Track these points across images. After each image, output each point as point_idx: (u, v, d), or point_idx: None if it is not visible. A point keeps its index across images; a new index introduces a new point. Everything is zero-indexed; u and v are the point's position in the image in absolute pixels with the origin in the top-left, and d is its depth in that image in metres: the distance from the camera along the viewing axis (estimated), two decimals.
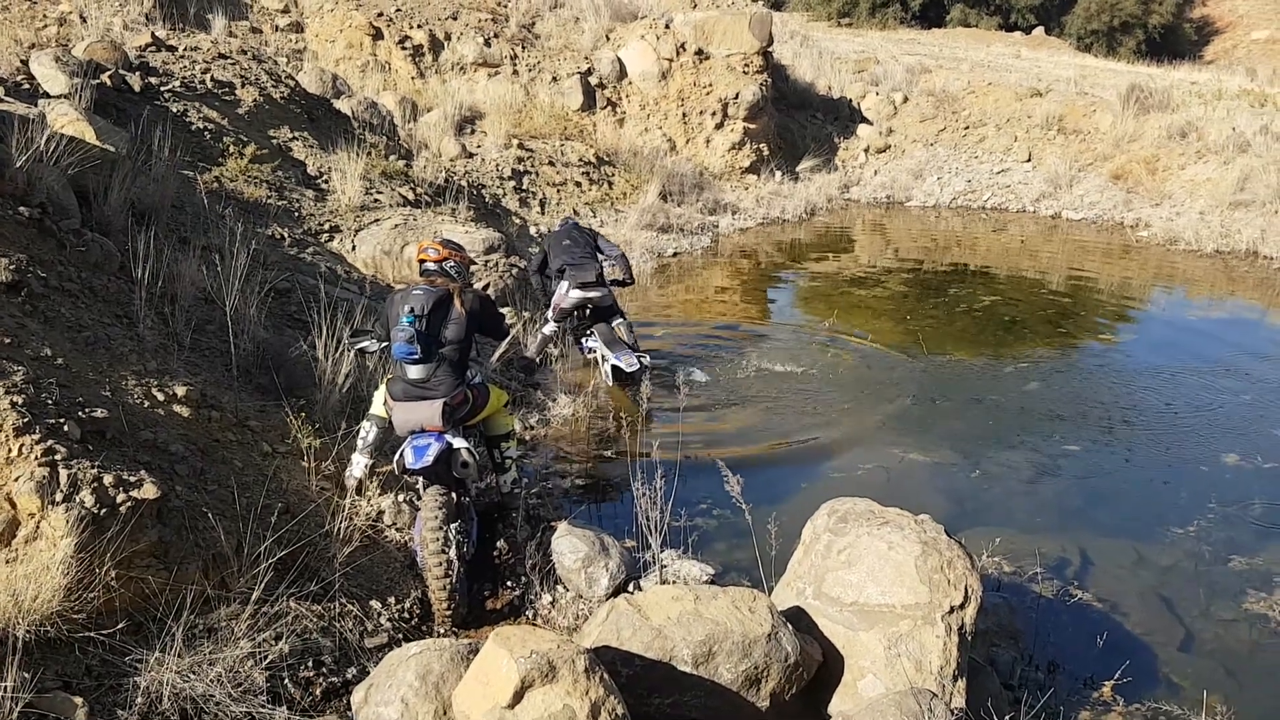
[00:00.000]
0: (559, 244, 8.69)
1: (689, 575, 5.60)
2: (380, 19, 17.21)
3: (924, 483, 7.16)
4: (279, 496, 5.06)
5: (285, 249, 8.56)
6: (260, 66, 11.25)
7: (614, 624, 3.56)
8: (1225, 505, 6.64)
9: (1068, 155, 18.96)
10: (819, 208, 18.28)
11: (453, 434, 5.07)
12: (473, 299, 5.32)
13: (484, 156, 14.63)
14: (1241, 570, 5.85)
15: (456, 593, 4.84)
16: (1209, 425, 8.28)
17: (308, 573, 4.72)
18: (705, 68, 18.37)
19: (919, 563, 3.79)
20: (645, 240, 14.28)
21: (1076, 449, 7.71)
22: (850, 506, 4.20)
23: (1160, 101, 18.97)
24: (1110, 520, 6.59)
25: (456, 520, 5.03)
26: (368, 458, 5.40)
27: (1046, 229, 17.24)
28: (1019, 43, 31.54)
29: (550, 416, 8.04)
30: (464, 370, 5.27)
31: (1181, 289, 13.40)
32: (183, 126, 9.28)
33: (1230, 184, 15.85)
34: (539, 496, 6.52)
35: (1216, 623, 5.41)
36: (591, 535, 5.45)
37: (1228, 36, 39.52)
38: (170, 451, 4.74)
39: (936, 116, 20.93)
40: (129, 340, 5.37)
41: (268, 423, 5.59)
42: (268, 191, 9.23)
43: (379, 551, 5.20)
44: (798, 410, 8.45)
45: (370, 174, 10.64)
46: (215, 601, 4.32)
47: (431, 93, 16.47)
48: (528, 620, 5.12)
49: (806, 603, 3.96)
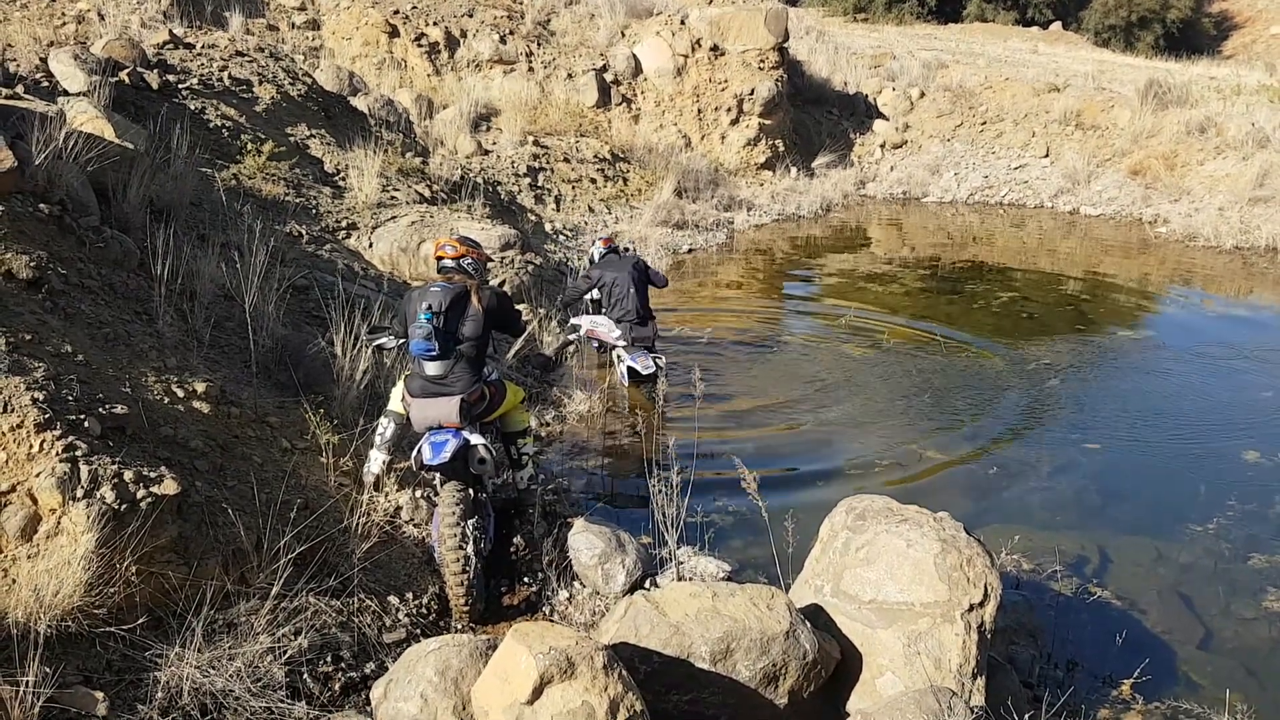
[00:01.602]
0: (618, 287, 8.27)
1: (705, 572, 5.60)
2: (396, 16, 17.23)
3: (942, 480, 7.14)
4: (298, 492, 5.07)
5: (303, 246, 8.58)
6: (278, 64, 11.28)
7: (632, 620, 3.56)
8: (1245, 503, 6.58)
9: (1085, 151, 18.85)
10: (835, 204, 18.23)
11: (470, 430, 5.07)
12: (490, 296, 5.32)
13: (499, 153, 14.64)
14: (1262, 568, 5.81)
15: (474, 589, 4.84)
16: (1229, 421, 8.23)
17: (327, 568, 4.73)
18: (720, 64, 18.34)
19: (938, 560, 3.77)
20: (660, 237, 14.26)
21: (1096, 446, 7.67)
22: (868, 504, 4.18)
23: (1179, 97, 18.83)
24: (1129, 517, 6.55)
25: (474, 516, 5.03)
26: (386, 454, 5.41)
27: (1064, 225, 17.15)
28: (1036, 38, 31.38)
29: (566, 413, 8.04)
30: (481, 367, 5.27)
31: (1201, 285, 13.30)
32: (201, 124, 9.31)
33: (1249, 179, 15.72)
34: (555, 493, 6.52)
35: (1236, 621, 5.37)
36: (608, 532, 5.45)
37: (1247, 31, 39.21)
38: (190, 448, 4.76)
39: (953, 112, 20.85)
40: (149, 337, 5.39)
41: (287, 419, 5.61)
42: (285, 189, 9.25)
43: (397, 547, 5.21)
44: (814, 407, 8.44)
45: (387, 171, 10.66)
46: (235, 597, 4.33)
47: (447, 90, 16.49)
48: (544, 616, 5.13)
49: (824, 600, 3.94)
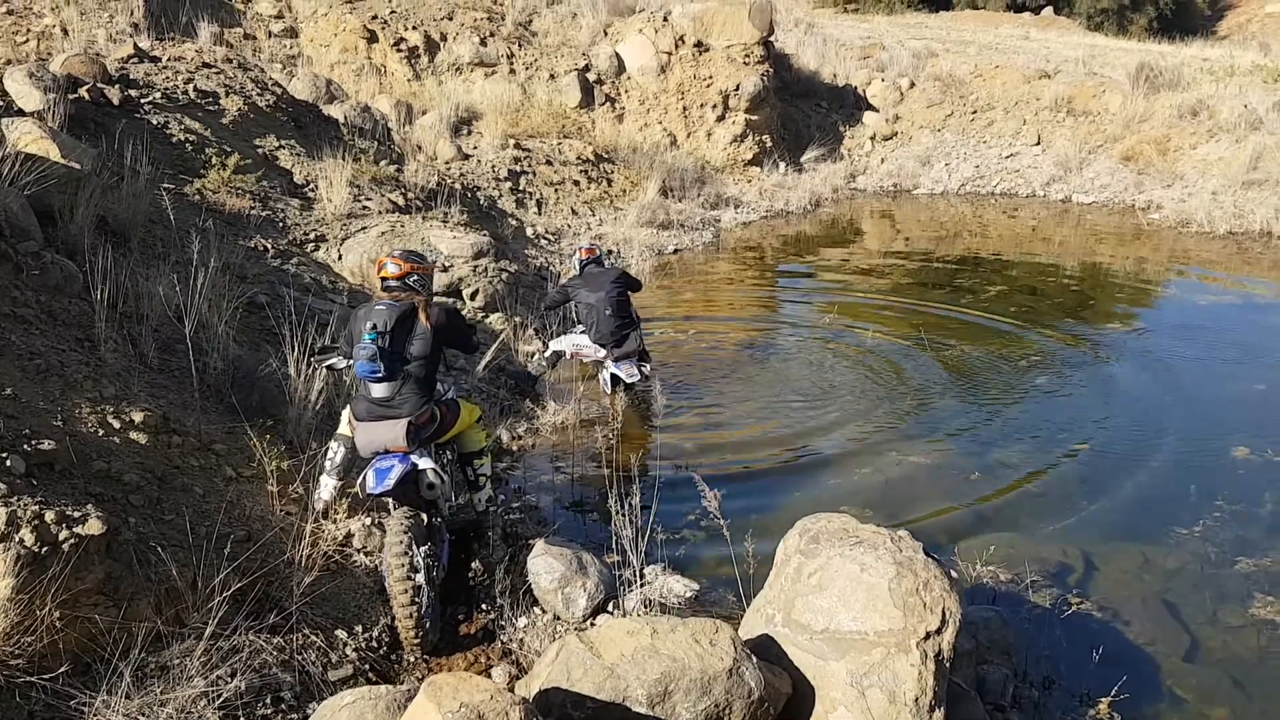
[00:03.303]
0: (595, 311, 7.96)
1: (673, 592, 5.42)
2: (374, 21, 17.05)
3: (922, 486, 6.93)
4: (241, 523, 4.90)
5: (268, 261, 8.40)
6: (246, 75, 11.10)
7: (564, 663, 3.37)
8: (1233, 502, 6.37)
9: (1077, 137, 18.61)
10: (824, 198, 18.02)
11: (419, 454, 4.89)
12: (439, 313, 5.12)
13: (480, 158, 14.44)
14: (1249, 572, 5.60)
15: (425, 620, 4.66)
16: (1221, 416, 8.04)
17: (269, 603, 4.56)
18: (705, 60, 18.13)
19: (893, 585, 3.57)
20: (645, 238, 14.04)
21: (1084, 446, 7.47)
22: (823, 525, 3.98)
23: (1170, 80, 18.59)
24: (1114, 520, 6.35)
25: (426, 543, 4.85)
26: (336, 479, 5.18)
27: (1057, 213, 16.92)
28: (1028, 24, 31.11)
29: (539, 425, 7.86)
30: (431, 387, 5.08)
31: (1195, 273, 13.07)
32: (163, 139, 9.13)
33: (1243, 163, 15.48)
34: (521, 511, 6.35)
35: (1223, 630, 5.16)
36: (569, 554, 5.27)
37: (1241, 11, 38.90)
38: (124, 481, 4.59)
39: (944, 102, 20.61)
40: (85, 366, 5.21)
41: (234, 446, 5.43)
42: (251, 202, 9.07)
43: (346, 578, 5.03)
44: (795, 411, 8.25)
45: (359, 180, 10.47)
46: (168, 638, 4.16)
47: (428, 95, 16.31)
48: (502, 645, 4.94)
49: (775, 630, 3.74)
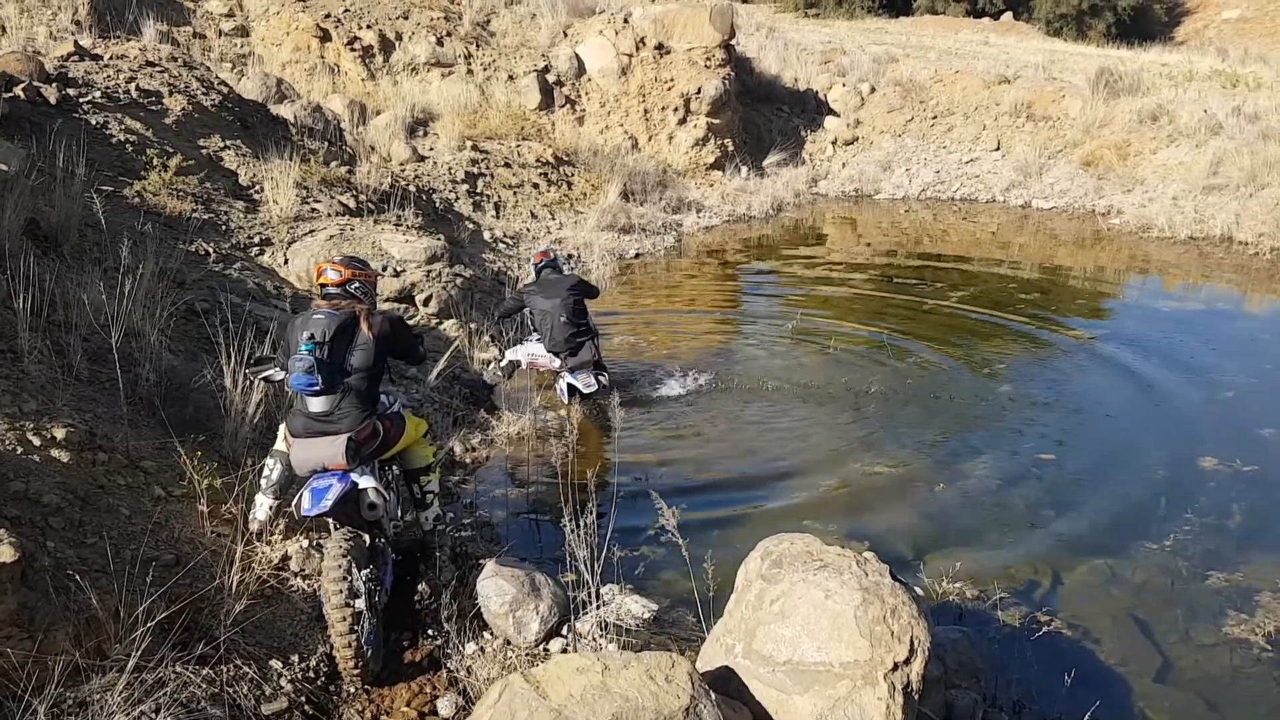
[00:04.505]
0: (550, 318, 7.90)
1: (630, 613, 5.19)
2: (328, 20, 16.68)
3: (888, 499, 6.74)
4: (170, 546, 4.61)
5: (209, 265, 8.07)
6: (191, 73, 10.74)
7: (507, 706, 3.12)
8: (1203, 515, 6.24)
9: (1037, 143, 18.60)
10: (786, 203, 17.89)
11: (360, 472, 4.62)
12: (382, 321, 4.86)
13: (436, 159, 14.14)
14: (1221, 587, 5.46)
15: (365, 648, 4.38)
16: (1189, 426, 7.91)
17: (198, 632, 4.28)
18: (666, 62, 17.93)
19: (859, 613, 3.36)
20: (606, 242, 13.81)
21: (1050, 457, 7.31)
22: (786, 547, 3.77)
23: (1130, 85, 18.64)
24: (1082, 534, 6.19)
25: (368, 566, 4.58)
26: (272, 498, 4.89)
27: (1017, 219, 16.89)
28: (987, 29, 31.23)
29: (494, 436, 7.61)
30: (374, 400, 4.81)
31: (1156, 278, 13.05)
32: (102, 139, 8.77)
33: (1203, 167, 15.51)
34: (474, 528, 6.08)
35: (1196, 648, 5.01)
36: (521, 575, 5.01)
37: (1199, 16, 39.35)
38: (43, 503, 4.28)
39: (904, 107, 20.56)
40: (6, 379, 4.88)
41: (165, 463, 5.12)
42: (193, 204, 8.72)
43: (282, 604, 4.74)
44: (756, 420, 8.05)
45: (308, 182, 10.15)
46: (88, 672, 3.87)
47: (382, 95, 15.96)
48: (449, 673, 4.68)
49: (736, 662, 3.52)
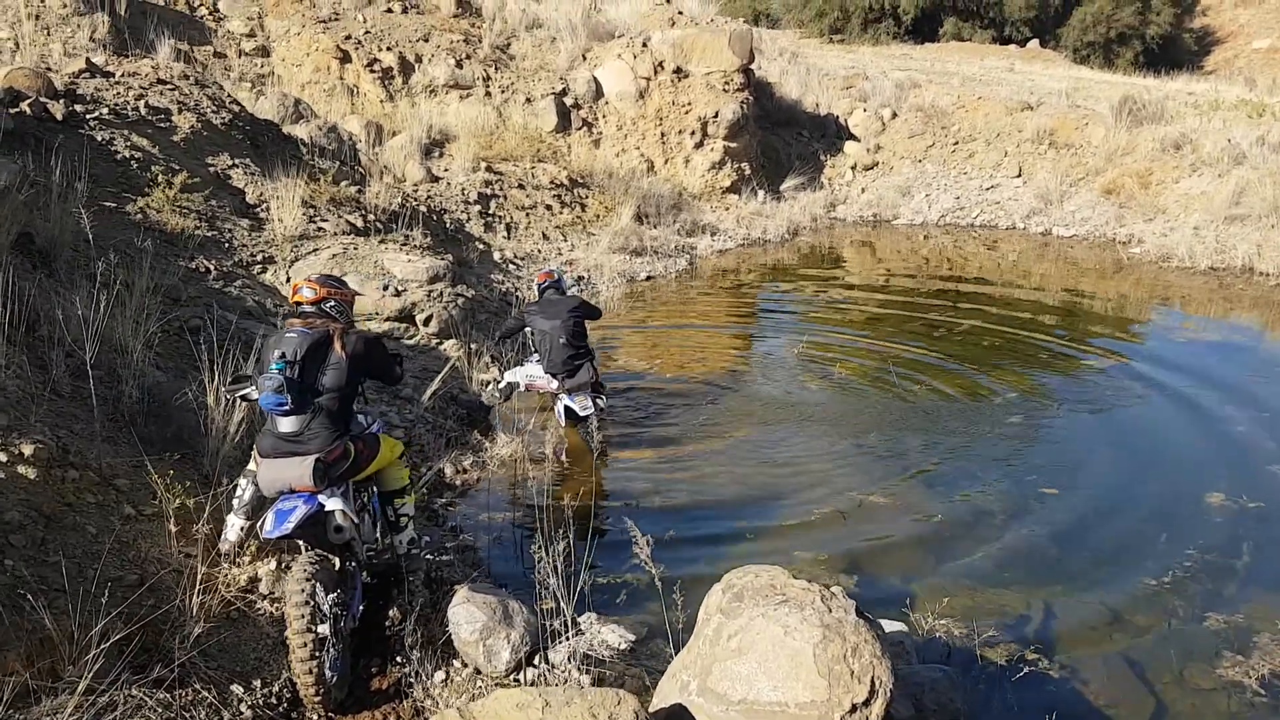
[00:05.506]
0: (549, 339, 7.75)
1: (606, 644, 5.08)
2: (348, 41, 16.78)
3: (882, 529, 6.59)
4: (135, 566, 4.55)
5: (209, 282, 8.07)
6: (202, 91, 10.79)
7: None
8: (1205, 552, 6.05)
9: (1059, 170, 18.41)
10: (803, 227, 17.78)
11: (328, 494, 4.54)
12: (356, 341, 4.78)
13: (450, 180, 14.14)
14: (1218, 629, 5.27)
15: (326, 675, 4.28)
16: (1197, 460, 7.71)
17: (157, 654, 4.20)
18: (684, 86, 17.90)
19: (818, 651, 3.24)
20: (617, 264, 13.75)
21: (1053, 491, 7.11)
22: (749, 580, 3.64)
23: (1154, 113, 18.41)
24: (1080, 570, 6.01)
25: (336, 590, 4.50)
26: (243, 519, 4.81)
27: (1037, 246, 16.68)
28: (1013, 55, 31.05)
29: (486, 458, 7.53)
30: (345, 421, 4.74)
31: (1175, 309, 12.80)
32: (107, 155, 8.80)
33: (1225, 197, 15.25)
34: (456, 552, 5.99)
35: (1190, 692, 4.83)
36: (494, 601, 4.91)
37: (1229, 46, 38.98)
38: (4, 521, 4.24)
39: (925, 132, 20.43)
40: None
41: (140, 481, 5.07)
42: (197, 222, 8.73)
43: (248, 627, 4.66)
44: (753, 446, 7.93)
45: (315, 200, 10.15)
46: (38, 693, 3.80)
47: (400, 116, 16.01)
48: (415, 702, 4.57)
49: (690, 699, 3.40)
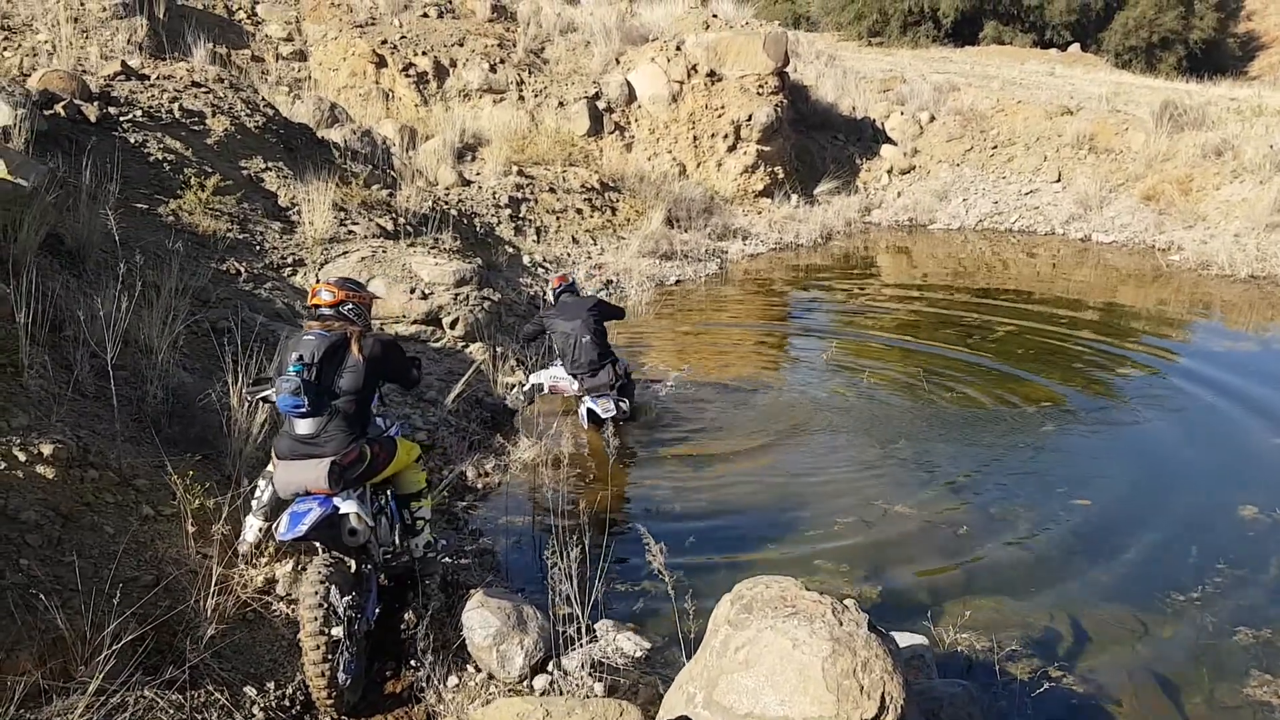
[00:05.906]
0: (570, 340, 7.84)
1: (621, 651, 5.03)
2: (384, 46, 16.90)
3: (908, 540, 6.49)
4: (152, 567, 4.57)
5: (240, 284, 8.13)
6: (237, 95, 10.90)
7: None
8: (1237, 566, 5.91)
9: (1098, 175, 18.16)
10: (836, 231, 17.66)
11: (343, 496, 4.54)
12: (373, 344, 4.79)
13: (481, 184, 14.19)
14: (1248, 644, 5.14)
15: (338, 679, 4.28)
16: (1233, 472, 7.54)
17: (171, 655, 4.22)
18: (717, 89, 17.85)
19: (827, 666, 3.18)
20: (646, 268, 13.72)
21: (1085, 501, 6.97)
22: (759, 591, 3.59)
23: (1195, 119, 18.09)
24: (1109, 583, 5.89)
25: (351, 593, 4.50)
26: (262, 520, 4.84)
27: (1076, 252, 16.45)
28: (1054, 60, 30.66)
29: (509, 462, 7.52)
30: (362, 424, 4.74)
31: (1214, 317, 12.56)
32: (140, 158, 8.91)
33: (1267, 204, 14.95)
34: (475, 556, 5.98)
35: (1218, 710, 4.71)
36: (509, 606, 4.89)
37: (1274, 51, 38.28)
38: (21, 520, 4.27)
39: (964, 136, 20.23)
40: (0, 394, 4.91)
41: (160, 481, 5.10)
42: (229, 224, 8.81)
43: (264, 628, 4.68)
44: (779, 453, 7.86)
45: (347, 204, 10.21)
46: (49, 693, 3.82)
47: (434, 120, 16.10)
48: (428, 708, 4.56)
49: (695, 712, 3.35)
